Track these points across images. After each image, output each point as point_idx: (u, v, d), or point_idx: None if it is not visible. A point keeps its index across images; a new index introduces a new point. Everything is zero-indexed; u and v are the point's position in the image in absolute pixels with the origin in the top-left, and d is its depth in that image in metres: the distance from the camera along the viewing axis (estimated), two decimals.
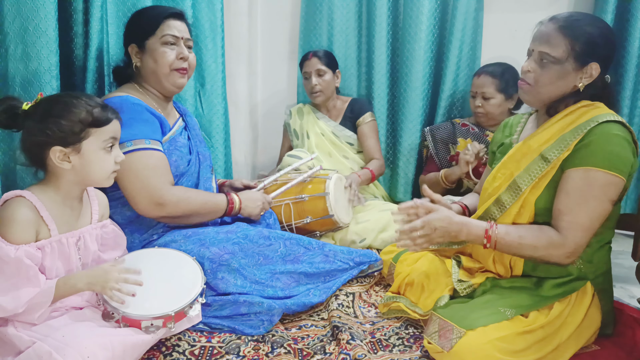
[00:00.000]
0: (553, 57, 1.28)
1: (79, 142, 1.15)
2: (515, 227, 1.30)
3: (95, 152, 1.18)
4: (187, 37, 1.60)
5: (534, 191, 1.31)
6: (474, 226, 1.31)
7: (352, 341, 1.31)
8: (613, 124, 1.24)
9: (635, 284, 1.74)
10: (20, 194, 1.13)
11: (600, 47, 1.27)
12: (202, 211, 1.57)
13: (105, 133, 1.19)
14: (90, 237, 1.24)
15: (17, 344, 1.06)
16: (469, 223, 1.31)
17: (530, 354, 1.19)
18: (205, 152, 1.75)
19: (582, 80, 1.29)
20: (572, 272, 1.31)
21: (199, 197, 1.57)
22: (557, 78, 1.29)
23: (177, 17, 1.59)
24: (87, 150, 1.16)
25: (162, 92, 1.61)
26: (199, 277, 1.31)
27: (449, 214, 1.31)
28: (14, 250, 1.06)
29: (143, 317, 1.16)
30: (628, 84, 2.28)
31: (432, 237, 1.31)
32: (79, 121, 1.14)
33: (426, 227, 1.30)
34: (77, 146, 1.15)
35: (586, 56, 1.26)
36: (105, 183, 1.24)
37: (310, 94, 2.36)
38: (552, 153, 1.28)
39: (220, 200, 1.62)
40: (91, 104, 1.17)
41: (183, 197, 1.52)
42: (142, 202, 1.45)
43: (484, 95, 2.13)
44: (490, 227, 1.29)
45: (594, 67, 1.27)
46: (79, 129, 1.14)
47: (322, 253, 1.63)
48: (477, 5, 2.36)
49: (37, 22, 1.34)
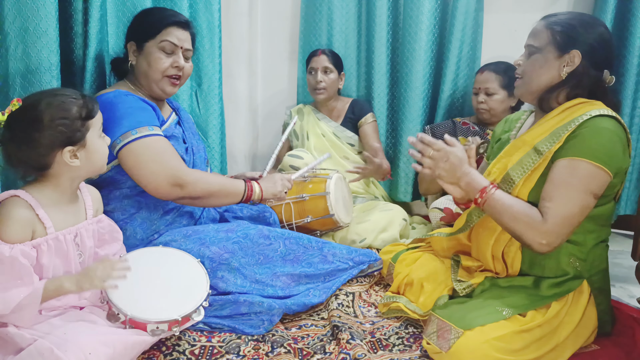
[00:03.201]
0: (535, 47, 1.33)
1: (83, 137, 1.16)
2: (510, 197, 1.30)
3: (96, 142, 1.20)
4: (187, 47, 1.59)
5: (526, 184, 1.31)
6: (477, 178, 1.33)
7: (352, 341, 1.31)
8: (606, 118, 1.24)
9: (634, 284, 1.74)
10: (15, 194, 1.13)
11: (581, 35, 1.29)
12: (221, 193, 1.58)
13: (98, 120, 1.21)
14: (87, 232, 1.24)
15: (19, 342, 1.06)
16: (475, 174, 1.34)
17: (529, 353, 1.19)
18: (200, 145, 1.76)
19: (565, 68, 1.31)
20: (568, 270, 1.31)
21: (217, 179, 1.60)
22: (539, 66, 1.33)
23: (181, 26, 1.58)
24: (90, 142, 1.18)
25: (152, 95, 1.61)
26: (205, 281, 1.31)
27: (465, 158, 1.35)
28: (8, 249, 1.06)
29: (150, 320, 1.16)
30: (629, 84, 2.28)
31: (439, 165, 1.34)
32: (78, 118, 1.15)
33: (442, 151, 1.34)
34: (83, 142, 1.17)
35: (566, 44, 1.30)
36: (104, 169, 1.28)
37: (313, 90, 2.36)
38: (545, 146, 1.29)
39: (238, 183, 1.63)
40: (75, 97, 1.17)
41: (201, 177, 1.53)
42: (162, 185, 1.46)
43: (487, 91, 2.14)
44: (489, 185, 1.31)
45: (575, 54, 1.29)
46: (80, 125, 1.15)
47: (322, 253, 1.64)
48: (477, 5, 2.36)
49: (37, 22, 1.34)
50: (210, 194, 1.55)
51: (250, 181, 1.67)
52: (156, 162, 1.46)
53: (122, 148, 1.44)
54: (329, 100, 2.39)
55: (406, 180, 2.52)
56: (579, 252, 1.31)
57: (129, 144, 1.44)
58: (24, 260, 1.07)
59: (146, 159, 1.45)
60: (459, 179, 1.34)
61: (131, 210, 1.55)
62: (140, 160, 1.44)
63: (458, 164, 1.33)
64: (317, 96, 2.36)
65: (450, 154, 1.33)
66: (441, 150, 1.34)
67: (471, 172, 1.34)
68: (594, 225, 1.30)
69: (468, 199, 1.45)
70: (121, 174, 1.51)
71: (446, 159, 1.33)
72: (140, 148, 1.44)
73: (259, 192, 1.66)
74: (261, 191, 1.67)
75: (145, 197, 1.54)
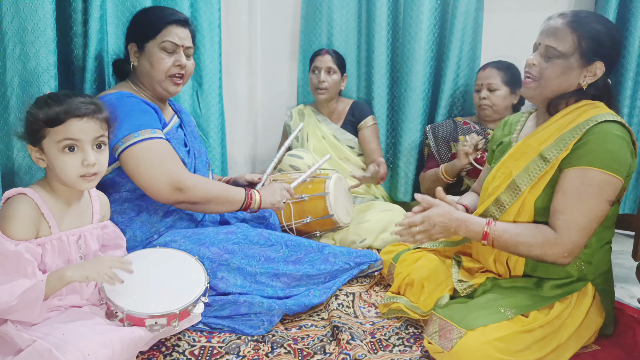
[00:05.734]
0: (559, 51, 1.27)
1: (39, 141, 1.13)
2: (514, 225, 1.29)
3: (53, 153, 1.12)
4: (188, 45, 1.59)
5: (533, 191, 1.31)
6: (472, 223, 1.30)
7: (352, 341, 1.31)
8: (612, 123, 1.23)
9: (635, 284, 1.74)
10: (22, 192, 1.13)
11: (606, 47, 1.26)
12: (220, 199, 1.57)
13: (59, 133, 1.11)
14: (91, 236, 1.24)
15: (18, 343, 1.05)
16: (468, 219, 1.31)
17: (530, 353, 1.19)
18: (201, 149, 1.76)
19: (586, 79, 1.28)
20: (572, 273, 1.31)
21: (217, 185, 1.59)
22: (561, 73, 1.29)
23: (181, 24, 1.57)
24: (47, 150, 1.13)
25: (155, 95, 1.61)
26: (202, 276, 1.30)
27: (449, 210, 1.31)
28: (14, 245, 1.06)
29: (147, 315, 1.16)
30: (628, 84, 2.28)
31: (431, 233, 1.31)
32: (37, 120, 1.11)
33: (425, 222, 1.30)
34: (40, 145, 1.13)
35: (592, 54, 1.26)
36: (79, 185, 1.16)
37: (315, 89, 2.36)
38: (551, 153, 1.28)
39: (238, 191, 1.62)
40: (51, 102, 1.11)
41: (201, 183, 1.53)
42: (162, 189, 1.46)
43: (490, 87, 2.14)
44: (488, 224, 1.29)
45: (599, 65, 1.27)
46: (37, 128, 1.11)
47: (322, 255, 1.63)
48: (477, 5, 2.36)
49: (35, 22, 1.34)
50: (209, 200, 1.54)
51: (251, 190, 1.66)
52: (157, 166, 1.45)
53: (124, 151, 1.44)
54: (330, 100, 2.39)
55: (406, 180, 2.52)
56: (584, 255, 1.31)
57: (130, 147, 1.43)
58: (28, 256, 1.07)
59: (147, 162, 1.44)
60: (456, 231, 1.31)
61: (131, 214, 1.55)
62: (141, 163, 1.44)
63: (447, 221, 1.29)
64: (318, 96, 2.35)
65: (434, 217, 1.29)
66: (424, 221, 1.29)
67: (464, 219, 1.30)
68: (599, 228, 1.29)
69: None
70: (121, 177, 1.51)
71: (433, 224, 1.30)
72: (141, 151, 1.44)
73: (259, 201, 1.66)
74: (261, 201, 1.66)
75: (146, 200, 1.54)
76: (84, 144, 1.13)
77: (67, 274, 1.10)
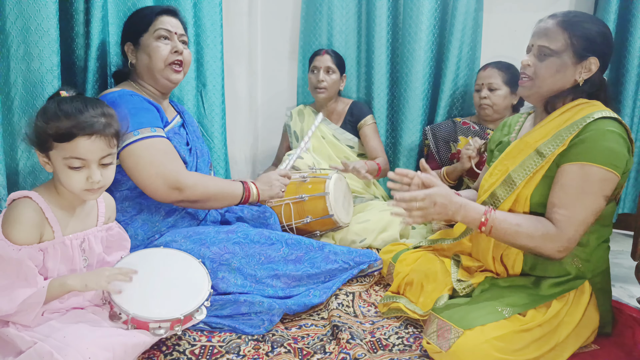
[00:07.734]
0: (552, 49, 1.30)
1: (46, 151, 1.12)
2: (514, 215, 1.30)
3: (59, 165, 1.11)
4: (180, 32, 1.61)
5: (528, 185, 1.32)
6: (472, 208, 1.30)
7: (352, 340, 1.31)
8: (608, 120, 1.25)
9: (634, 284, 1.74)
10: (27, 195, 1.13)
11: (598, 43, 1.28)
12: (219, 196, 1.58)
13: (66, 151, 1.09)
14: (95, 239, 1.24)
15: (19, 344, 1.05)
16: (467, 204, 1.30)
17: (529, 352, 1.20)
18: (203, 149, 1.76)
19: (582, 75, 1.30)
20: (570, 271, 1.32)
21: (216, 182, 1.59)
22: (556, 71, 1.31)
23: (171, 14, 1.60)
24: (53, 161, 1.12)
25: (157, 88, 1.62)
26: (206, 280, 1.31)
27: (450, 192, 1.31)
28: (16, 250, 1.06)
29: (152, 319, 1.16)
30: (630, 84, 2.29)
31: (429, 212, 1.28)
32: (45, 133, 1.09)
33: (427, 199, 1.27)
34: (47, 154, 1.12)
35: (584, 50, 1.28)
36: (83, 196, 1.15)
37: (314, 88, 2.36)
38: (548, 148, 1.29)
39: (236, 186, 1.63)
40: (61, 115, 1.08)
41: (199, 181, 1.53)
42: (160, 188, 1.46)
43: (491, 86, 2.15)
44: (488, 210, 1.29)
45: (593, 61, 1.29)
46: (45, 139, 1.10)
47: (323, 253, 1.64)
48: (477, 5, 2.37)
49: (38, 22, 1.35)
50: (208, 198, 1.55)
51: (247, 183, 1.67)
52: (155, 164, 1.45)
53: (123, 149, 1.44)
54: (329, 100, 2.39)
55: None
56: (582, 253, 1.31)
57: (129, 145, 1.44)
58: (30, 263, 1.07)
59: (146, 161, 1.45)
60: (453, 215, 1.29)
61: (132, 212, 1.56)
62: (139, 161, 1.44)
63: (447, 202, 1.28)
64: (317, 95, 2.36)
65: (436, 196, 1.26)
66: (426, 198, 1.26)
67: (463, 203, 1.29)
68: (596, 226, 1.31)
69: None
70: (121, 174, 1.51)
71: (434, 203, 1.27)
72: (140, 149, 1.44)
73: (257, 193, 1.66)
74: (258, 192, 1.67)
75: (146, 199, 1.54)
76: (91, 163, 1.12)
77: (68, 282, 1.11)
